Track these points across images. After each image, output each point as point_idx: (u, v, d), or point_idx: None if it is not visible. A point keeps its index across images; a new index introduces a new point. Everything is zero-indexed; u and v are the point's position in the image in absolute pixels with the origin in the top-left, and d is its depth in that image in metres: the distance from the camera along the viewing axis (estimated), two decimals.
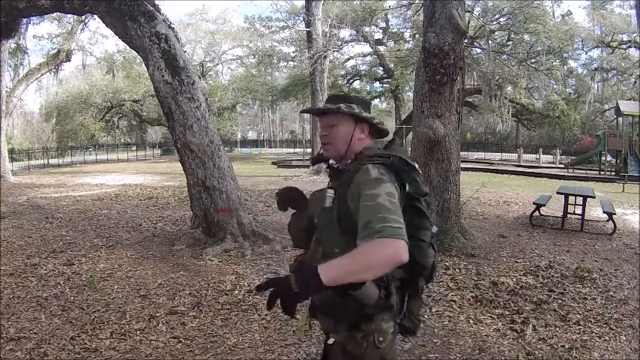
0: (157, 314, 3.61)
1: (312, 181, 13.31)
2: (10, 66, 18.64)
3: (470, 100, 22.83)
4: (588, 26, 25.84)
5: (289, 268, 1.55)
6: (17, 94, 16.31)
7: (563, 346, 3.08)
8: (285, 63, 29.66)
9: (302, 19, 21.28)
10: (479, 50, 20.31)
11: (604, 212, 6.92)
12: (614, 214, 6.75)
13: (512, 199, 9.90)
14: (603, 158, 17.71)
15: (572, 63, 26.14)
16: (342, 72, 28.95)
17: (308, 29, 18.96)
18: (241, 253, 5.29)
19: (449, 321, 3.49)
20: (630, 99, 22.68)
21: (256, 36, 26.56)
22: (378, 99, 33.93)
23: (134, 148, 32.30)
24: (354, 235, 1.33)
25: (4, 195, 10.37)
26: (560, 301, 3.88)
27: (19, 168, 20.31)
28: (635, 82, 25.57)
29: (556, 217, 7.49)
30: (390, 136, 1.70)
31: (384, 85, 29.20)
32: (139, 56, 6.91)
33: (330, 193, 1.47)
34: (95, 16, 7.61)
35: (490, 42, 18.69)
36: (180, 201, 9.44)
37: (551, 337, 3.22)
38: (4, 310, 3.65)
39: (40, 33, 42.70)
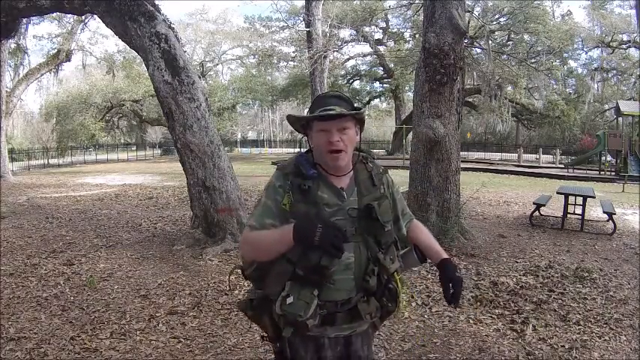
0: (157, 314, 3.61)
1: None
2: (10, 66, 18.63)
3: (470, 100, 22.83)
4: (588, 26, 25.84)
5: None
6: (17, 94, 16.32)
7: (563, 346, 3.08)
8: (285, 63, 29.65)
9: (302, 19, 21.32)
10: (479, 50, 20.33)
11: (604, 212, 6.91)
12: (614, 214, 6.75)
13: (512, 199, 9.90)
14: (603, 158, 17.70)
15: (572, 63, 26.19)
16: (342, 72, 28.97)
17: (308, 29, 18.99)
18: None
19: (449, 321, 3.49)
20: (630, 99, 22.67)
21: (256, 36, 26.54)
22: (378, 99, 33.94)
23: (134, 148, 32.27)
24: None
25: (4, 195, 10.37)
26: (560, 301, 3.87)
27: (19, 168, 20.31)
28: (635, 82, 25.58)
29: (556, 217, 7.49)
30: None
31: (384, 85, 29.20)
32: (139, 56, 6.91)
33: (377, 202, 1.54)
34: (95, 16, 7.61)
35: (490, 42, 18.69)
36: (180, 201, 9.44)
37: (551, 337, 3.22)
38: (4, 310, 3.65)
39: (40, 33, 42.70)
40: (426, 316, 3.59)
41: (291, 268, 1.43)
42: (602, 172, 16.79)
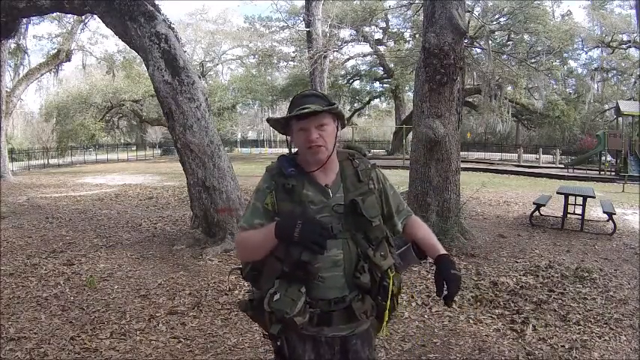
0: (157, 314, 3.61)
1: None
2: (10, 66, 18.61)
3: (470, 100, 22.83)
4: (588, 26, 25.77)
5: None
6: (17, 94, 16.34)
7: (563, 346, 3.08)
8: (285, 63, 29.64)
9: (302, 19, 21.30)
10: (479, 50, 20.32)
11: (604, 212, 6.91)
12: (614, 214, 6.74)
13: (512, 199, 9.90)
14: (603, 158, 17.70)
15: (572, 63, 26.09)
16: (342, 72, 28.94)
17: (308, 29, 18.97)
18: None
19: (449, 321, 3.49)
20: (630, 99, 22.64)
21: (256, 36, 26.51)
22: (378, 99, 33.93)
23: (134, 148, 32.31)
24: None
25: (4, 195, 10.37)
26: (560, 301, 3.87)
27: (19, 168, 20.33)
28: (635, 82, 25.55)
29: (556, 217, 7.49)
30: None
31: (384, 85, 29.19)
32: (139, 56, 6.91)
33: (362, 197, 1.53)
34: (95, 16, 7.61)
35: (490, 42, 18.69)
36: (180, 201, 9.44)
37: (551, 337, 3.22)
38: (4, 310, 3.65)
39: (40, 33, 42.72)
40: (426, 316, 3.59)
41: (280, 266, 1.45)
42: (602, 172, 16.78)
